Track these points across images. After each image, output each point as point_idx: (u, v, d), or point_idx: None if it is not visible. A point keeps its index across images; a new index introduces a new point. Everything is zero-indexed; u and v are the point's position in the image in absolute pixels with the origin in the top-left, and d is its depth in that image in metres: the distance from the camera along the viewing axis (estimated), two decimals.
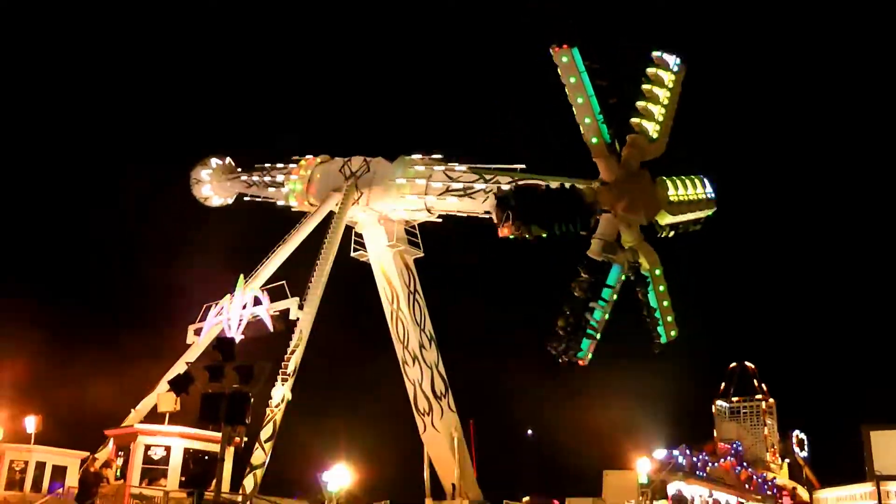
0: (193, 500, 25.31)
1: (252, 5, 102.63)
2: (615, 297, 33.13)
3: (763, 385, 55.58)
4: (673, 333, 34.27)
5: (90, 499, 28.88)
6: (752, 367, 56.49)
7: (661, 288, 33.79)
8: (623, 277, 33.17)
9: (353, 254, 42.99)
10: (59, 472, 35.36)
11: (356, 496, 30.74)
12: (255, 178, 47.60)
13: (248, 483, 32.51)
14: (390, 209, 42.43)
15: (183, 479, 31.19)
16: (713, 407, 53.36)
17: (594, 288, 32.07)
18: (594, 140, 33.55)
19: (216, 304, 38.78)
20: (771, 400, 54.72)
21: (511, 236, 31.12)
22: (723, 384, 56.15)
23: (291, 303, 36.39)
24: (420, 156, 40.82)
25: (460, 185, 38.01)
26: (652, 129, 34.23)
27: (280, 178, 45.30)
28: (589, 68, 33.20)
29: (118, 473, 31.18)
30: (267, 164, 47.20)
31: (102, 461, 33.20)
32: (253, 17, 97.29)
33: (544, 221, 30.11)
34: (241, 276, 38.55)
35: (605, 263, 32.52)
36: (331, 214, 41.69)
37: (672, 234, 34.14)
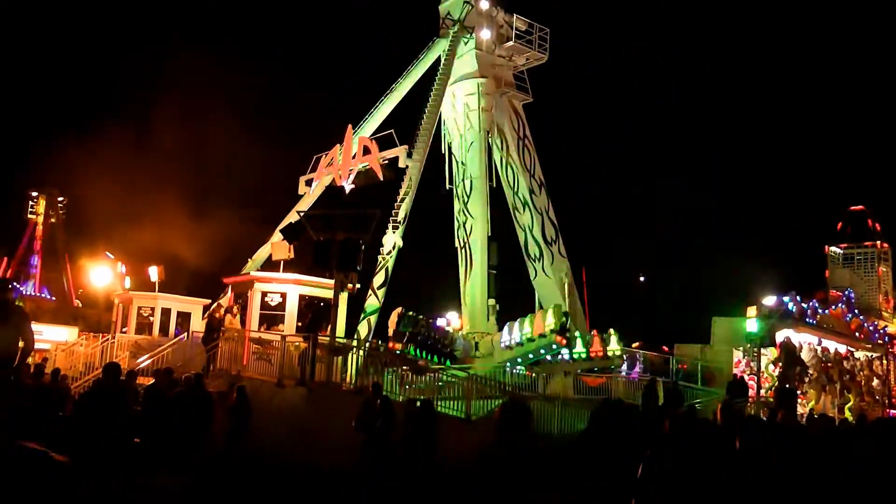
0: (309, 345, 26.08)
1: None
2: None
3: (878, 229, 54.37)
4: None
5: (215, 341, 30.00)
6: (867, 209, 55.22)
7: None
8: None
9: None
10: (184, 317, 36.74)
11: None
12: None
13: (363, 329, 33.42)
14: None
15: (299, 324, 32.11)
16: (826, 252, 52.49)
17: None
18: None
19: (326, 155, 39.21)
20: (885, 245, 53.53)
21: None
22: (838, 227, 55.12)
23: (400, 151, 36.55)
24: None
25: None
26: None
27: None
28: None
29: (228, 317, 32.20)
30: None
31: (226, 307, 34.32)
32: None
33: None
34: (350, 125, 38.80)
35: None
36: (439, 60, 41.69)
37: None
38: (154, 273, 37.96)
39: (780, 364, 38.66)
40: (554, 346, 32.57)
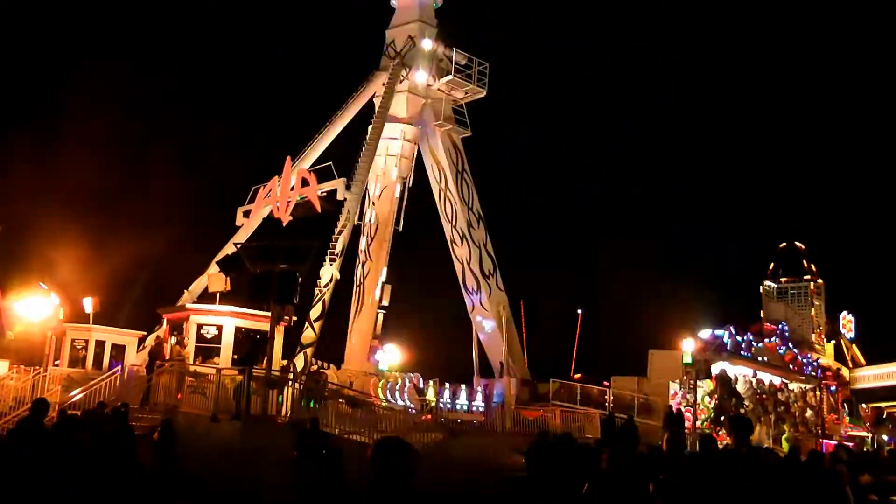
0: (245, 377, 25.86)
1: None
2: None
3: (812, 266, 55.39)
4: None
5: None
6: (802, 247, 56.24)
7: None
8: None
9: (413, 125, 43.05)
10: (119, 350, 36.17)
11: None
12: None
13: (299, 361, 33.22)
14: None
15: (235, 357, 31.83)
16: (761, 287, 53.29)
17: None
18: None
19: (264, 186, 39.07)
20: (819, 281, 54.55)
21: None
22: (771, 264, 56.03)
23: (338, 183, 36.55)
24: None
25: None
26: None
27: None
28: None
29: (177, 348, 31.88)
30: None
31: (163, 338, 34.02)
32: None
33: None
34: (289, 157, 38.72)
35: None
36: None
37: None
38: (88, 304, 37.38)
39: (716, 396, 39.06)
40: None
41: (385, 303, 41.30)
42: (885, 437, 44.48)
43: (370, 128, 40.17)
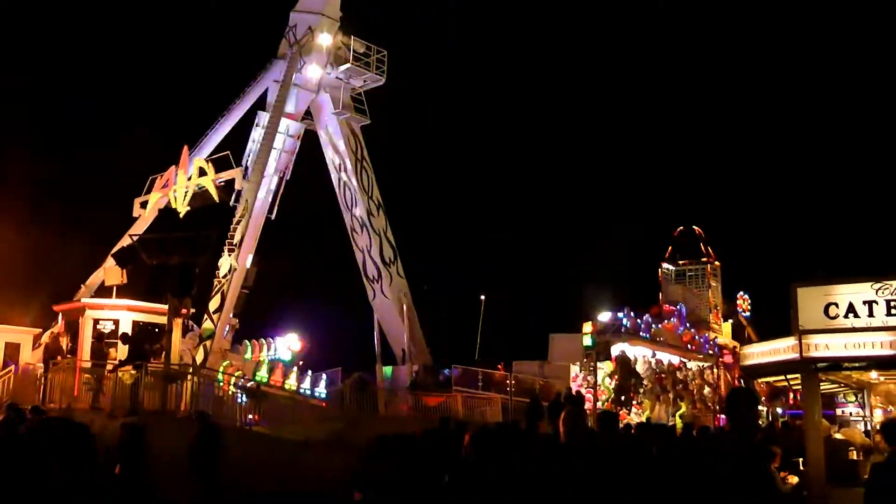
0: (141, 373, 25.52)
1: None
2: None
3: (709, 248, 56.41)
4: None
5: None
6: (699, 230, 57.21)
7: None
8: None
9: (301, 121, 42.89)
10: (13, 348, 35.39)
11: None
12: None
13: (198, 354, 32.86)
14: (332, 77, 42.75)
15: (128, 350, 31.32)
16: (659, 270, 54.15)
17: None
18: None
19: (161, 176, 38.51)
20: (716, 262, 55.58)
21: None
22: (669, 248, 56.93)
23: (236, 173, 36.23)
24: None
25: None
26: None
27: None
28: None
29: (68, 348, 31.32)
30: None
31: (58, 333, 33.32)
32: None
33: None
34: (186, 147, 38.22)
35: None
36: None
37: None
38: None
39: (617, 376, 39.66)
40: None
41: (249, 284, 40.46)
42: (779, 410, 45.64)
43: (267, 118, 39.90)
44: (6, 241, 46.16)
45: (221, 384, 29.21)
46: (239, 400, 28.61)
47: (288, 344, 40.47)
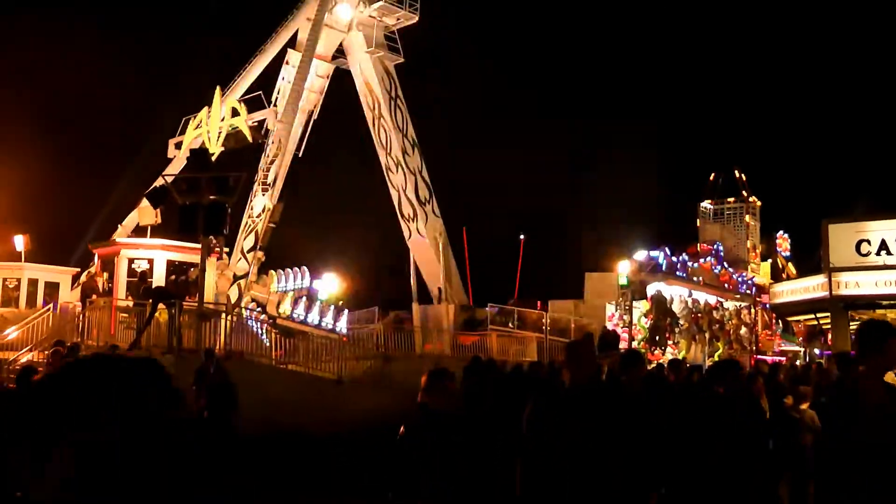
0: (175, 310, 25.67)
1: None
2: None
3: (748, 187, 55.93)
4: None
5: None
6: (737, 168, 56.73)
7: None
8: None
9: (332, 61, 42.64)
10: (52, 287, 35.78)
11: None
12: None
13: (233, 293, 33.05)
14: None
15: (167, 288, 31.52)
16: (697, 209, 53.79)
17: None
18: None
19: (194, 117, 38.54)
20: (754, 200, 55.11)
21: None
22: (708, 185, 56.49)
23: (269, 113, 36.20)
24: None
25: None
26: None
27: None
28: None
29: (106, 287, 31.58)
30: None
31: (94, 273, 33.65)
32: None
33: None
34: (218, 87, 38.20)
35: None
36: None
37: None
38: (20, 242, 36.84)
39: (652, 316, 39.50)
40: None
41: (276, 219, 40.26)
42: (816, 351, 45.30)
43: (300, 58, 39.62)
44: (44, 185, 46.52)
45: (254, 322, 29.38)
46: (262, 336, 28.76)
47: (327, 283, 40.61)
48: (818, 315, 32.34)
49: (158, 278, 31.63)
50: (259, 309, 32.22)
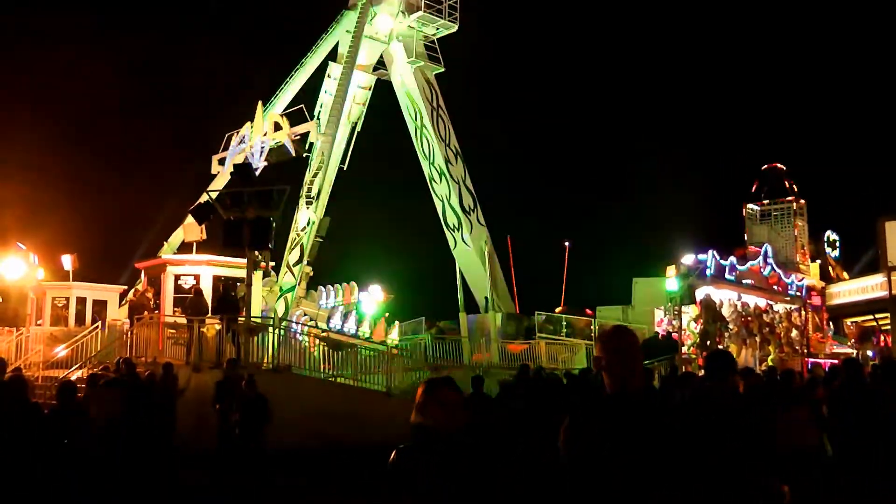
0: (223, 326, 25.71)
1: None
2: None
3: (794, 186, 55.15)
4: None
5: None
6: (783, 167, 55.93)
7: None
8: None
9: (372, 72, 42.64)
10: (100, 305, 36.06)
11: None
12: None
13: (279, 306, 33.06)
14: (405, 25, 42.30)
15: (214, 305, 31.62)
16: (744, 210, 53.11)
17: None
18: None
19: (237, 133, 38.71)
20: (801, 201, 54.32)
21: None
22: (754, 187, 55.77)
23: (311, 126, 36.25)
24: None
25: None
26: None
27: None
28: None
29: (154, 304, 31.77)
30: None
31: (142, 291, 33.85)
32: None
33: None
34: (260, 102, 38.34)
35: None
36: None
37: None
38: (67, 262, 37.20)
39: (701, 320, 39.05)
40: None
41: (322, 233, 40.12)
42: (869, 353, 44.53)
43: (340, 70, 39.67)
44: (91, 205, 46.92)
45: (302, 336, 29.30)
46: (309, 348, 28.71)
47: (372, 295, 40.57)
48: (877, 315, 31.70)
49: (205, 294, 31.70)
50: (312, 323, 32.17)
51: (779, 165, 56.97)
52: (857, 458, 9.50)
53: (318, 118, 38.54)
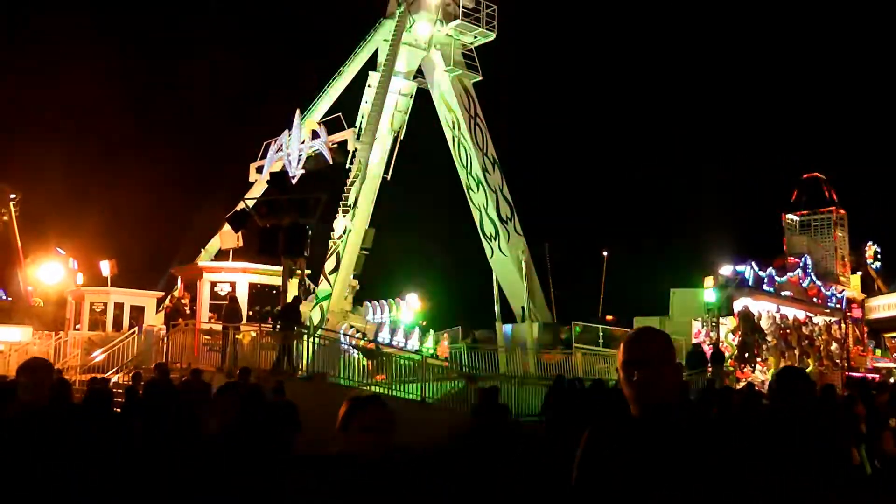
0: (258, 334, 25.76)
1: None
2: None
3: (834, 196, 54.59)
4: None
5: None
6: (823, 177, 55.38)
7: None
8: None
9: (409, 80, 42.61)
10: (138, 311, 36.33)
11: None
12: None
13: (315, 315, 33.06)
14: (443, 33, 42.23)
15: (251, 312, 31.74)
16: (783, 221, 52.59)
17: None
18: None
19: (274, 141, 38.85)
20: (842, 211, 53.73)
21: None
22: (793, 197, 55.25)
23: (349, 134, 36.29)
24: None
25: None
26: None
27: None
28: None
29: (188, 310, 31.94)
30: None
31: (178, 297, 34.06)
32: None
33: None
34: (298, 110, 38.45)
35: None
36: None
37: None
38: (106, 267, 37.50)
39: (739, 332, 38.71)
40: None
41: (368, 245, 39.97)
42: None
43: (378, 79, 39.66)
44: (129, 212, 47.26)
45: (342, 345, 29.23)
46: (350, 354, 28.65)
47: (409, 304, 40.50)
48: None
49: (241, 301, 31.78)
50: (359, 335, 32.09)
51: (819, 175, 56.37)
52: None
53: (360, 127, 38.53)
